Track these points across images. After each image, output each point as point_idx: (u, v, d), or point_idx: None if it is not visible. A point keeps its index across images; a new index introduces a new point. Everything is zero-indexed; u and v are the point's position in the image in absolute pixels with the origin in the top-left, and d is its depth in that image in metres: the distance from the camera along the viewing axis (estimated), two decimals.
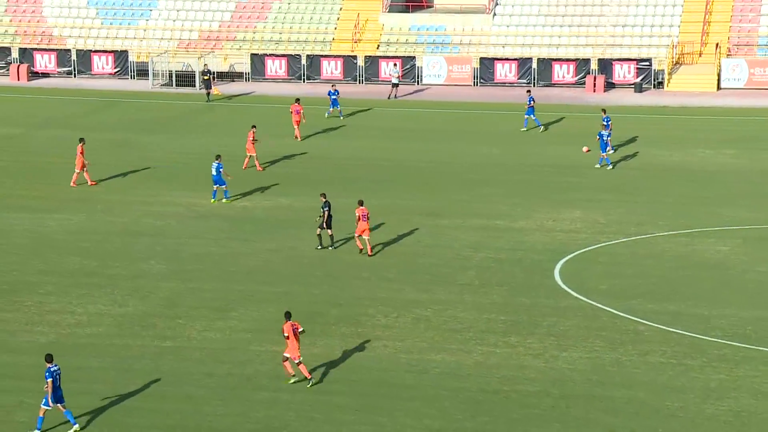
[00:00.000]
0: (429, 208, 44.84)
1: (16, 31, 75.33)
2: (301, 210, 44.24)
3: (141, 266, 37.32)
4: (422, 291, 35.61)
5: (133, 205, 44.23)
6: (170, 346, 30.92)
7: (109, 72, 72.50)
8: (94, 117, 62.12)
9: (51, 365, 26.21)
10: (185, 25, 75.38)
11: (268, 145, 54.37)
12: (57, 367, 26.30)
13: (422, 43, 73.29)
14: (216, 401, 27.68)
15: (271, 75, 72.05)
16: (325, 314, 33.46)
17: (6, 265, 37.10)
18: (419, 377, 29.32)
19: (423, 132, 58.91)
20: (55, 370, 26.23)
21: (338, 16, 75.26)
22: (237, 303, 34.19)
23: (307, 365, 29.64)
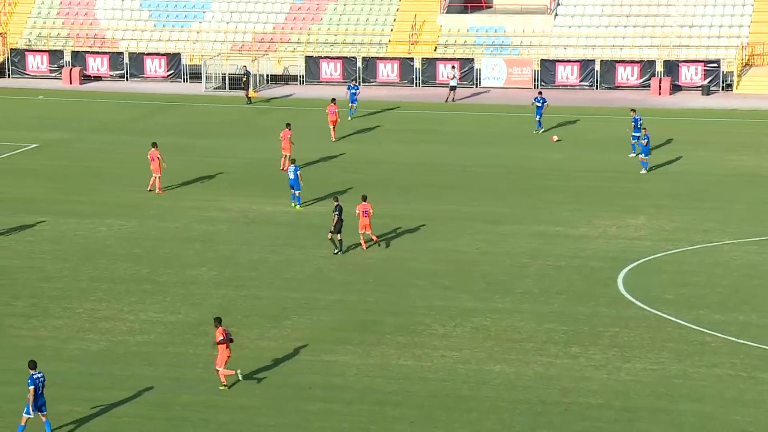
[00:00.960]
0: (488, 214, 44.71)
1: (69, 34, 76.26)
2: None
3: (193, 273, 37.58)
4: (480, 299, 35.50)
5: (185, 211, 44.56)
6: None
7: (161, 75, 73.16)
8: (146, 121, 62.72)
9: (34, 372, 26.17)
10: (239, 27, 75.87)
11: (323, 150, 54.60)
12: (41, 375, 26.27)
13: (481, 45, 73.16)
14: (270, 411, 27.77)
15: (325, 78, 72.30)
16: (380, 323, 33.47)
17: (58, 271, 37.54)
18: (477, 388, 29.23)
19: (482, 136, 58.77)
20: (38, 377, 26.21)
21: (395, 18, 75.36)
22: (291, 311, 34.30)
23: (363, 375, 29.67)
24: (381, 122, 62.39)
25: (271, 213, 44.69)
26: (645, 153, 50.38)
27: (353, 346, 31.74)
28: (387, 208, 45.34)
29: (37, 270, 37.52)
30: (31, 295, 35.18)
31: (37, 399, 26.19)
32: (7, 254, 39.07)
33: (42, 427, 26.30)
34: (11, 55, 74.31)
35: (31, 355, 30.31)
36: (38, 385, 26.22)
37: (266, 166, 52.13)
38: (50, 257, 38.85)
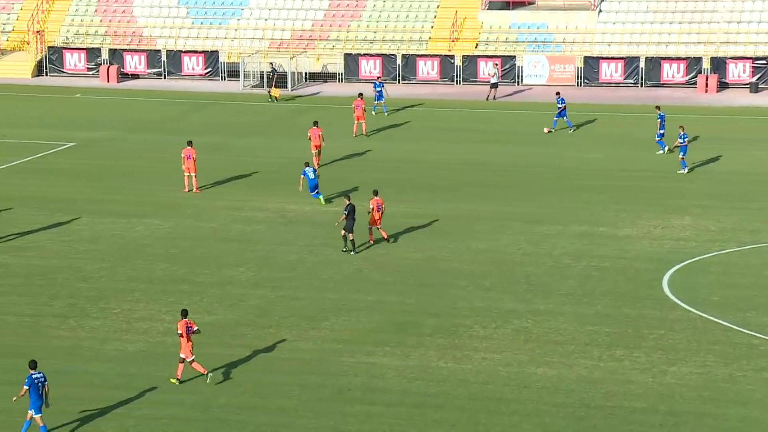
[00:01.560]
0: (529, 214, 44.62)
1: (106, 32, 76.80)
2: (395, 216, 44.34)
3: (230, 273, 37.76)
4: (521, 301, 35.44)
5: (222, 211, 44.77)
6: (261, 356, 31.20)
7: (199, 73, 73.52)
8: (184, 120, 63.07)
9: (34, 372, 26.23)
10: (277, 24, 76.10)
11: (360, 147, 54.71)
12: (40, 375, 26.28)
13: (523, 42, 72.97)
14: (308, 414, 27.86)
15: (365, 76, 72.35)
16: (420, 324, 33.48)
17: (95, 271, 37.84)
18: (519, 391, 29.18)
19: (524, 135, 58.64)
20: (37, 377, 26.24)
21: (435, 14, 75.32)
22: (329, 312, 34.39)
23: (402, 377, 29.72)
24: (421, 121, 62.38)
25: (309, 213, 44.81)
26: (683, 152, 49.99)
27: (392, 347, 31.78)
28: (427, 208, 45.37)
29: (74, 270, 37.84)
30: (68, 296, 35.49)
31: (36, 399, 26.12)
32: (44, 254, 39.43)
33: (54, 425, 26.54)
34: (49, 53, 74.94)
35: (68, 356, 30.65)
36: (36, 386, 26.20)
37: (301, 165, 52.20)
38: (87, 257, 39.16)
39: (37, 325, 33.12)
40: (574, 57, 70.86)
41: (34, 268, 37.90)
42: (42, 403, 26.25)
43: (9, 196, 46.55)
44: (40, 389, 26.25)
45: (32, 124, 60.83)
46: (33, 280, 36.87)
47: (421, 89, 70.56)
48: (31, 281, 36.73)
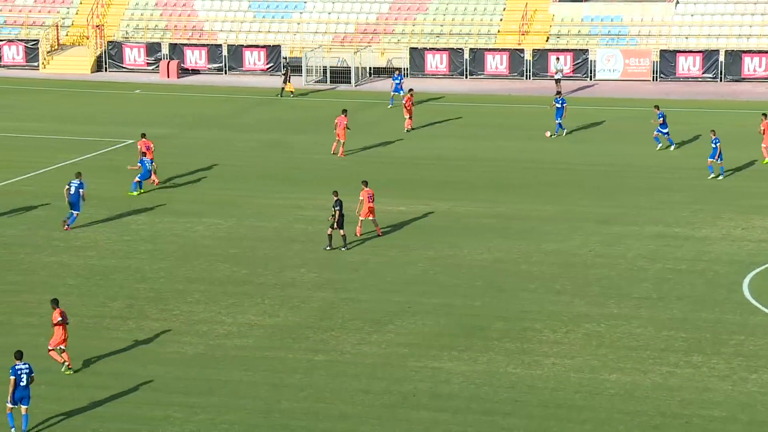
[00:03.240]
0: (602, 214, 44.31)
1: (167, 26, 77.46)
2: (462, 216, 44.27)
3: (292, 274, 37.89)
4: (594, 304, 35.19)
5: (284, 210, 44.95)
6: (323, 360, 31.28)
7: (260, 68, 73.90)
8: (245, 116, 63.44)
9: (18, 363, 26.78)
10: (341, 18, 76.28)
11: (425, 146, 54.69)
12: (25, 366, 26.80)
13: (596, 35, 72.48)
14: (372, 420, 27.87)
15: (431, 70, 72.31)
16: (488, 328, 33.38)
17: (154, 271, 38.16)
18: (591, 398, 28.98)
19: (595, 132, 58.26)
20: (20, 368, 26.75)
21: (504, 7, 75.06)
22: (394, 315, 34.39)
23: (469, 383, 29.64)
24: (488, 117, 62.23)
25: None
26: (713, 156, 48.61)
27: (459, 352, 31.71)
28: (495, 208, 45.23)
29: (133, 270, 38.20)
30: (127, 297, 35.83)
31: (18, 391, 26.67)
32: (104, 254, 39.85)
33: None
34: (108, 48, 75.73)
35: (127, 358, 30.93)
36: (20, 377, 26.70)
37: (368, 163, 52.34)
38: (147, 257, 39.52)
39: (96, 327, 33.48)
40: (650, 51, 70.25)
41: (94, 268, 38.31)
42: (27, 395, 26.76)
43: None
44: (25, 380, 26.71)
45: (91, 120, 61.53)
46: (92, 280, 37.28)
47: (489, 84, 70.35)
48: (90, 281, 37.14)
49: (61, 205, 45.54)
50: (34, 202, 45.82)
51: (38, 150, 54.66)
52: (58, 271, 38.10)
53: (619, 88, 68.44)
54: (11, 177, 49.75)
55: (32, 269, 38.21)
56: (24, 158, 53.16)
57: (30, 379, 26.93)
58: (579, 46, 71.52)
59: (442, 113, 62.61)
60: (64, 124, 60.68)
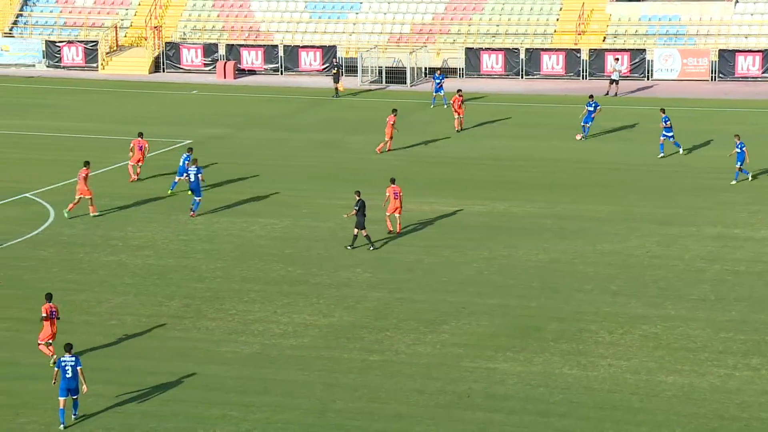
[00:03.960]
0: (659, 215, 43.98)
1: (223, 27, 77.89)
2: (518, 216, 44.13)
3: (347, 275, 37.94)
4: (651, 306, 34.93)
5: (339, 210, 45.00)
6: (378, 359, 31.29)
7: (316, 68, 74.09)
8: (301, 116, 63.63)
9: (66, 355, 27.32)
10: (396, 18, 76.31)
11: (481, 146, 54.57)
12: (70, 359, 27.24)
13: (653, 35, 71.97)
14: (427, 420, 27.84)
15: (486, 71, 72.16)
16: (543, 329, 33.23)
17: (210, 271, 38.37)
18: (648, 400, 28.76)
19: (651, 132, 57.80)
20: (66, 361, 27.18)
21: (561, 7, 74.72)
22: (449, 315, 34.33)
23: (525, 384, 29.52)
24: (544, 117, 61.98)
25: (427, 213, 44.80)
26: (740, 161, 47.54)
27: (514, 353, 31.59)
28: (550, 208, 45.03)
29: (190, 270, 38.43)
30: (184, 296, 36.05)
31: (63, 382, 27.09)
32: (162, 253, 40.13)
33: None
34: (166, 48, 76.29)
35: (183, 357, 31.13)
36: (64, 369, 27.15)
37: (422, 163, 52.32)
38: (203, 257, 39.75)
39: (153, 326, 33.72)
40: (708, 50, 69.62)
41: (151, 268, 38.60)
42: (73, 387, 27.18)
43: (126, 194, 47.52)
44: (69, 373, 27.12)
45: (149, 121, 61.97)
46: (150, 279, 37.55)
47: (545, 84, 70.08)
48: (147, 281, 37.42)
49: (118, 204, 45.94)
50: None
51: (97, 150, 55.15)
52: (117, 270, 38.42)
53: (677, 88, 67.88)
54: (70, 177, 50.25)
55: (91, 268, 38.56)
56: (83, 158, 53.62)
57: (76, 372, 27.29)
58: (636, 46, 71.04)
59: (497, 113, 62.42)
60: (122, 124, 61.18)
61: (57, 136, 59.05)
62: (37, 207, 45.79)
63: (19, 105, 67.34)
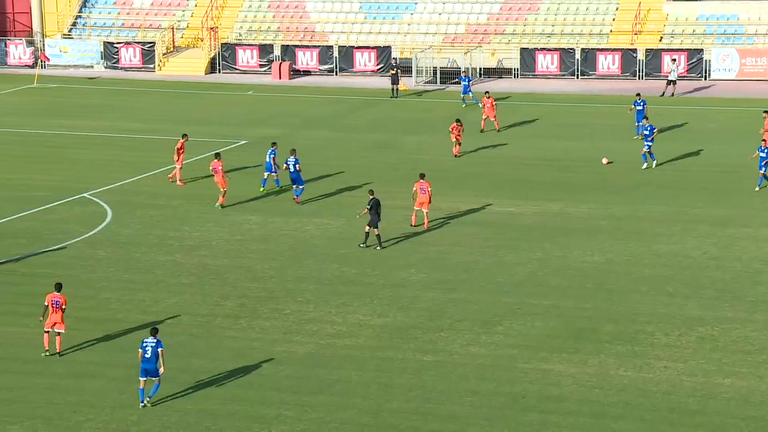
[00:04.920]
0: (716, 216, 43.59)
1: (279, 28, 78.22)
2: (572, 217, 43.92)
3: (401, 275, 37.95)
4: (707, 308, 34.62)
5: (392, 210, 45.01)
6: (432, 360, 31.28)
7: (371, 69, 74.18)
8: (354, 116, 63.74)
9: (149, 337, 28.28)
10: (451, 18, 76.25)
11: (532, 146, 54.41)
12: (149, 340, 28.18)
13: (711, 34, 71.35)
14: (482, 421, 27.78)
15: (541, 71, 71.91)
16: (598, 331, 33.05)
17: (265, 271, 38.54)
18: (705, 403, 28.51)
19: (709, 133, 57.33)
20: (147, 342, 28.18)
21: (617, 6, 74.30)
22: (503, 316, 34.24)
23: (579, 385, 29.38)
24: (598, 118, 61.66)
25: (482, 213, 44.71)
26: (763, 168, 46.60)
27: (569, 354, 31.45)
28: (605, 209, 44.79)
29: (245, 269, 38.62)
30: (239, 296, 36.24)
31: (143, 362, 28.05)
32: (217, 253, 40.36)
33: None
34: (222, 49, 76.74)
35: (239, 357, 31.29)
36: (145, 350, 28.11)
37: (478, 164, 52.24)
38: (258, 257, 39.93)
39: (209, 325, 33.92)
40: (767, 50, 68.86)
41: (207, 267, 38.83)
42: (152, 369, 28.08)
43: (182, 194, 47.86)
44: (149, 353, 28.01)
45: (205, 121, 62.41)
46: (205, 279, 37.78)
47: (601, 84, 69.68)
48: (202, 280, 37.64)
49: (173, 204, 46.28)
50: (149, 202, 46.64)
51: (153, 150, 55.62)
52: (173, 270, 38.70)
53: (735, 88, 67.25)
54: (127, 177, 50.72)
55: (147, 268, 38.87)
56: (140, 158, 54.16)
57: (157, 354, 28.11)
58: (694, 46, 70.46)
59: (552, 114, 62.15)
60: (179, 124, 61.58)
61: (114, 137, 59.59)
62: (95, 207, 46.24)
63: (77, 105, 68.06)
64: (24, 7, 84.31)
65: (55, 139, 59.22)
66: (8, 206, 45.90)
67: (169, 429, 27.40)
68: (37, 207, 45.92)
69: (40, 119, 64.09)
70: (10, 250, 40.50)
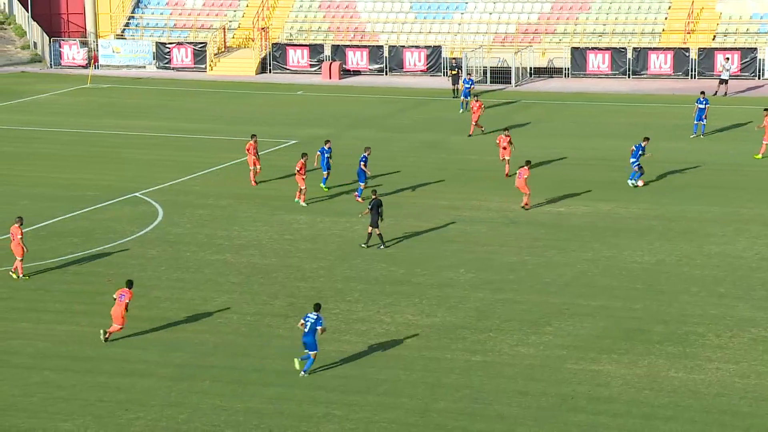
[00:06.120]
0: (767, 217, 43.19)
1: (329, 28, 78.37)
2: (622, 217, 43.64)
3: (449, 275, 37.87)
4: (759, 309, 34.26)
5: (441, 210, 44.97)
6: (480, 360, 31.18)
7: (421, 69, 74.13)
8: (403, 116, 63.71)
9: (313, 312, 30.26)
10: (502, 18, 76.04)
11: (586, 146, 54.17)
12: (314, 315, 30.08)
13: (765, 33, 70.61)
14: (530, 422, 27.66)
15: (592, 70, 71.54)
16: (648, 331, 32.80)
17: (313, 270, 38.60)
18: (756, 405, 28.21)
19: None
20: (309, 317, 30.13)
21: (669, 5, 73.78)
22: (552, 317, 34.07)
23: (629, 386, 29.19)
24: (651, 118, 61.23)
25: (531, 213, 44.53)
26: None
27: (618, 355, 31.24)
28: (656, 209, 44.47)
29: (294, 269, 38.71)
30: (288, 295, 36.32)
31: (303, 336, 30.08)
32: (266, 253, 40.49)
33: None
34: (273, 49, 77.01)
35: (288, 356, 31.36)
36: (306, 324, 30.02)
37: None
38: (307, 256, 40.01)
39: (257, 324, 34.03)
40: None
41: (256, 267, 38.96)
42: (309, 342, 29.99)
43: (233, 193, 48.08)
44: (308, 328, 29.95)
45: (256, 121, 62.64)
46: (254, 278, 37.91)
47: (652, 84, 69.19)
48: (251, 280, 37.78)
49: (223, 204, 46.49)
50: (199, 201, 46.90)
51: (204, 150, 55.92)
52: (222, 269, 38.86)
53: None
54: (178, 177, 51.02)
55: (197, 267, 39.06)
56: (191, 158, 54.46)
57: (314, 329, 29.88)
58: (747, 45, 69.80)
59: (604, 113, 61.78)
60: (230, 124, 61.93)
61: (164, 136, 59.98)
62: (146, 206, 46.55)
63: (129, 105, 68.58)
64: (78, 8, 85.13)
65: (107, 139, 59.70)
66: (61, 206, 46.33)
67: (218, 428, 27.51)
68: (89, 206, 46.31)
69: (92, 119, 64.65)
70: (62, 249, 40.87)
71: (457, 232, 42.38)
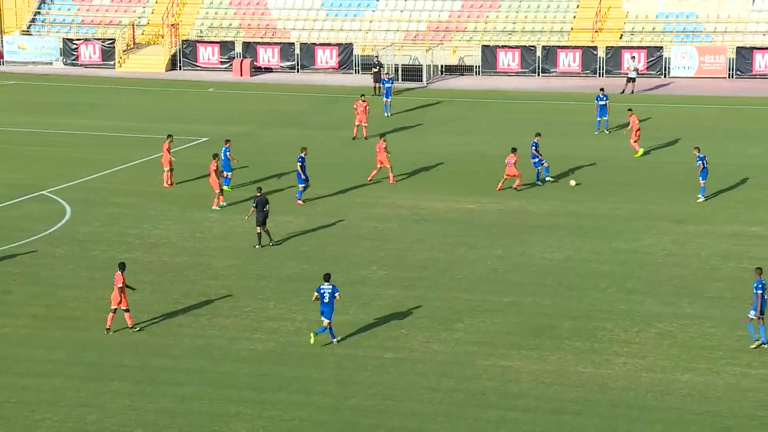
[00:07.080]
0: (676, 213, 43.88)
1: (240, 25, 78.00)
2: (533, 214, 44.09)
3: (361, 272, 37.96)
4: (666, 304, 34.86)
5: (354, 208, 45.05)
6: (392, 357, 31.31)
7: (332, 66, 74.14)
8: (318, 114, 63.66)
9: (324, 284, 31.50)
10: (413, 16, 76.33)
11: (498, 143, 54.58)
12: (329, 286, 31.44)
13: (670, 32, 71.81)
14: (441, 418, 27.85)
15: (502, 68, 72.12)
16: (557, 327, 33.20)
17: (225, 269, 38.44)
18: (662, 398, 28.71)
19: (668, 130, 57.67)
20: (324, 288, 31.42)
21: (577, 4, 74.64)
22: (463, 313, 34.33)
23: (539, 382, 29.51)
24: (559, 115, 61.89)
25: (442, 210, 44.80)
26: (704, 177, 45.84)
27: (528, 351, 31.58)
28: (566, 206, 44.98)
29: (205, 267, 38.51)
30: (199, 294, 36.12)
31: (321, 306, 31.45)
32: (176, 251, 40.22)
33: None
34: (183, 46, 76.44)
35: (198, 355, 31.20)
36: (322, 295, 31.37)
37: (436, 161, 52.28)
38: (218, 254, 39.82)
39: (168, 323, 33.80)
40: (725, 47, 69.44)
41: (167, 265, 38.68)
42: (325, 311, 31.35)
43: (142, 191, 47.65)
44: (326, 298, 31.23)
45: (165, 118, 62.14)
46: (165, 277, 37.65)
47: (561, 82, 69.95)
48: (163, 278, 37.51)
49: (133, 202, 46.06)
50: (108, 199, 46.41)
51: (113, 148, 55.35)
52: (132, 267, 38.42)
53: (694, 86, 67.69)
54: (86, 174, 50.43)
55: (107, 266, 38.65)
56: (100, 155, 53.87)
57: (332, 297, 31.32)
58: (653, 44, 70.89)
59: (512, 111, 62.32)
60: (139, 122, 61.37)
61: (72, 134, 59.24)
62: (54, 204, 45.95)
63: (35, 103, 67.58)
64: None
65: (12, 137, 58.80)
66: None
67: (128, 428, 27.29)
68: None
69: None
70: None
71: (370, 230, 42.49)
